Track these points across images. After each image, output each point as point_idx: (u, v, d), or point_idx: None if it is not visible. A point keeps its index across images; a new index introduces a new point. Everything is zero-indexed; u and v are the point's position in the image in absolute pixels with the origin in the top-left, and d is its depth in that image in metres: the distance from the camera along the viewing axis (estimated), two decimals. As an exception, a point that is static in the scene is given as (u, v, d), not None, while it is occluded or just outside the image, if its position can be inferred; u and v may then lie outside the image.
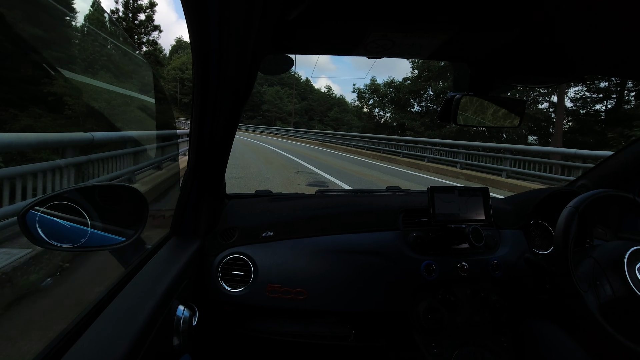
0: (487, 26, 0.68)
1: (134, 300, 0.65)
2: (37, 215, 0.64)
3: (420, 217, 1.15)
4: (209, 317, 0.99)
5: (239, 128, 10.58)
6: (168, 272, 0.76)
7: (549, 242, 1.22)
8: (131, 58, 8.90)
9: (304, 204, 1.23)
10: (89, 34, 6.63)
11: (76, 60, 7.37)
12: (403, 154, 13.77)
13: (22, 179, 3.10)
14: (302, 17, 0.63)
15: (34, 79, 7.55)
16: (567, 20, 0.63)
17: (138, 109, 7.44)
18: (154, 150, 6.65)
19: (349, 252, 1.05)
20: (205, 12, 0.54)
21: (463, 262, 1.08)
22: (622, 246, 0.90)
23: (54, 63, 6.50)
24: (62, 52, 7.54)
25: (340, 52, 0.85)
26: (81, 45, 6.52)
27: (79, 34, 6.58)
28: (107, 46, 7.87)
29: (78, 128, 7.44)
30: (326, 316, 1.08)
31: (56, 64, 6.68)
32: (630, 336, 0.81)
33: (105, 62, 8.02)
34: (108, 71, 8.11)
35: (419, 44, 0.75)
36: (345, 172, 9.23)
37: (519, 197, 1.34)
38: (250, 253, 1.02)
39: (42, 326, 1.97)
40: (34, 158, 3.86)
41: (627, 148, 1.22)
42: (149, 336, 0.58)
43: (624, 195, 0.97)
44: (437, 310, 1.02)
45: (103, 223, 0.73)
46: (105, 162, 4.84)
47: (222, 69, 0.66)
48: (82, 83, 6.39)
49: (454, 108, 0.87)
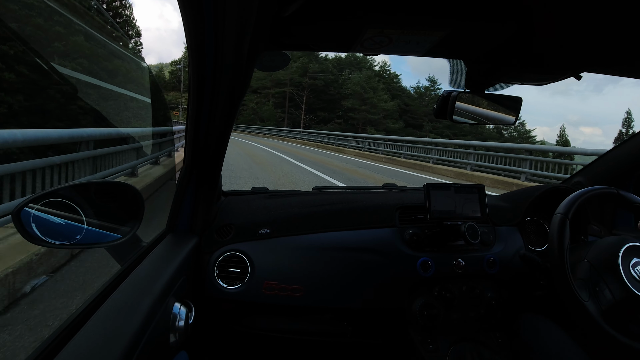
0: (483, 23, 0.69)
1: (130, 297, 0.65)
2: (32, 212, 0.64)
3: (417, 214, 1.16)
4: (205, 314, 1.00)
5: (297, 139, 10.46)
6: (164, 270, 0.76)
7: (544, 239, 1.23)
8: (125, 55, 8.81)
9: (300, 201, 1.23)
10: (78, 29, 6.46)
11: (67, 55, 7.21)
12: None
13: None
14: (299, 14, 0.63)
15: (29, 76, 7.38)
16: (562, 17, 0.63)
17: (133, 105, 7.32)
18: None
19: (345, 249, 1.06)
20: (201, 8, 0.54)
21: (459, 259, 1.09)
22: (615, 244, 0.90)
23: (47, 58, 6.34)
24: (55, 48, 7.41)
25: (337, 48, 0.84)
26: (71, 40, 6.33)
27: (67, 28, 6.39)
28: (103, 45, 7.72)
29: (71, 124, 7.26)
30: (322, 313, 1.08)
31: (50, 60, 6.53)
32: (634, 336, 0.82)
33: (100, 60, 7.88)
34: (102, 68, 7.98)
35: (416, 41, 0.75)
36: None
37: (515, 195, 1.35)
38: (247, 250, 1.02)
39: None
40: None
41: (623, 144, 1.23)
42: (145, 334, 0.58)
43: (607, 190, 0.97)
44: (433, 306, 1.03)
45: (99, 220, 0.73)
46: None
47: (219, 65, 0.66)
48: (76, 80, 6.28)
49: (450, 105, 0.87)
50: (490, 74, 0.88)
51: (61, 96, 6.09)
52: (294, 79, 40.45)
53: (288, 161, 11.41)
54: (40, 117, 6.47)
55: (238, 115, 0.89)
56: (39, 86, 5.81)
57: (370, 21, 0.66)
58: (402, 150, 14.04)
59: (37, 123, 6.41)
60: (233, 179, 6.87)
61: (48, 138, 3.48)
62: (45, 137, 3.43)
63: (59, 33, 6.64)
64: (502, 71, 0.87)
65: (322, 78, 40.29)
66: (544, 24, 0.67)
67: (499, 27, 0.70)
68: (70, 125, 6.52)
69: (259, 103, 44.15)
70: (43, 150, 3.63)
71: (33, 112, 6.05)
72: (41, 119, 6.49)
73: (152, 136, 7.11)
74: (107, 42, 7.66)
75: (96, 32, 6.87)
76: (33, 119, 6.24)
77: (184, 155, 0.91)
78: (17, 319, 2.07)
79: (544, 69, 0.85)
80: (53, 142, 3.58)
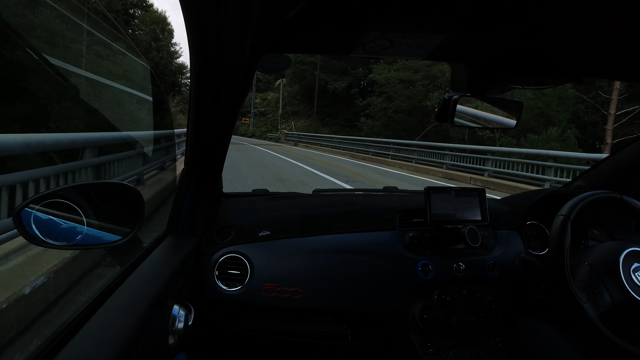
0: (484, 27, 0.69)
1: (130, 298, 0.64)
2: (33, 213, 0.64)
3: (417, 217, 1.16)
4: (204, 316, 0.99)
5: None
6: (164, 271, 0.76)
7: (544, 243, 1.23)
8: (129, 57, 8.81)
9: (300, 203, 1.23)
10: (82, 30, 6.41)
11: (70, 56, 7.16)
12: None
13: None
14: (300, 16, 0.63)
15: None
16: (564, 21, 0.63)
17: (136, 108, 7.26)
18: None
19: (345, 252, 1.05)
20: (204, 11, 0.54)
21: (459, 263, 1.08)
22: (616, 248, 0.90)
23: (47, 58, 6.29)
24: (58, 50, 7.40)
25: (339, 51, 0.85)
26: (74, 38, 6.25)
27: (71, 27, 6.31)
28: (106, 46, 7.69)
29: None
30: (322, 315, 1.08)
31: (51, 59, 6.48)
32: (633, 340, 0.81)
33: (102, 62, 7.85)
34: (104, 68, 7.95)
35: (417, 44, 0.75)
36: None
37: (515, 198, 1.35)
38: (247, 252, 1.02)
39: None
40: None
41: (624, 149, 1.22)
42: (144, 335, 0.58)
43: (611, 195, 0.97)
44: (432, 310, 1.02)
45: (99, 221, 0.73)
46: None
47: (220, 68, 0.66)
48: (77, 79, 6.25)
49: (451, 109, 0.87)
50: (491, 77, 0.88)
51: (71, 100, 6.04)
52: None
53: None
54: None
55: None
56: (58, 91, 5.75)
57: (372, 24, 0.66)
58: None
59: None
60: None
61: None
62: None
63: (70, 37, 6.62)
64: (503, 75, 0.87)
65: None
66: (545, 28, 0.67)
67: (500, 31, 0.70)
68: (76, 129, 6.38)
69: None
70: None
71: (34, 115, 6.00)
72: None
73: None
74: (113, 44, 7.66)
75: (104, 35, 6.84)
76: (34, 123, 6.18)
77: (185, 156, 0.92)
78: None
79: (545, 73, 0.85)
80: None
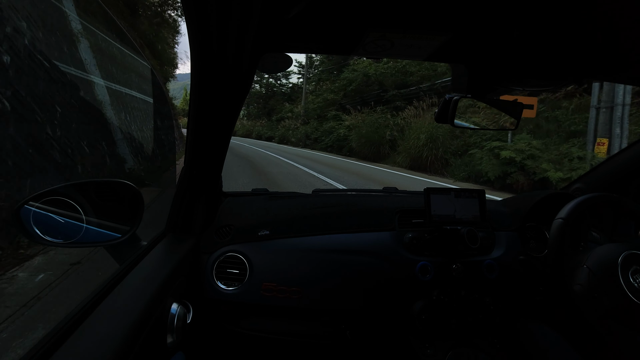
0: (485, 28, 0.69)
1: (128, 297, 0.64)
2: (32, 210, 0.64)
3: (416, 218, 1.16)
4: (203, 315, 0.99)
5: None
6: (163, 270, 0.76)
7: (543, 245, 1.23)
8: (130, 56, 8.78)
9: (300, 203, 1.23)
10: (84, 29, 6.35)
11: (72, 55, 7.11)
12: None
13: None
14: (301, 16, 0.63)
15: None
16: (565, 23, 0.63)
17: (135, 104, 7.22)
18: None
19: (344, 252, 1.05)
20: (205, 10, 0.54)
21: (458, 264, 1.08)
22: (615, 251, 0.90)
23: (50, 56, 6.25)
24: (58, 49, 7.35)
25: (339, 51, 0.85)
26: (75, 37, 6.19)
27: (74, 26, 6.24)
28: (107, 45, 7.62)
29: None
30: (321, 315, 1.08)
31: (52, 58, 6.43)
32: (631, 343, 0.82)
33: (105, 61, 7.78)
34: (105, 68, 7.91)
35: (418, 45, 0.75)
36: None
37: (515, 200, 1.35)
38: (246, 251, 1.02)
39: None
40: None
41: (623, 152, 1.22)
42: (142, 333, 0.58)
43: (609, 197, 0.97)
44: (431, 311, 1.02)
45: (98, 219, 0.73)
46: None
47: (221, 67, 0.66)
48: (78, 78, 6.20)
49: (451, 109, 0.87)
50: (492, 78, 0.88)
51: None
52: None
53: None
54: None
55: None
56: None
57: (373, 25, 0.66)
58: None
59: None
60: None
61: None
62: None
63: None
64: (504, 76, 0.87)
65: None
66: (546, 30, 0.67)
67: (501, 33, 0.70)
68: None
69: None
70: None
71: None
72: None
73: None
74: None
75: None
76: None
77: (185, 155, 0.91)
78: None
79: (546, 75, 0.85)
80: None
